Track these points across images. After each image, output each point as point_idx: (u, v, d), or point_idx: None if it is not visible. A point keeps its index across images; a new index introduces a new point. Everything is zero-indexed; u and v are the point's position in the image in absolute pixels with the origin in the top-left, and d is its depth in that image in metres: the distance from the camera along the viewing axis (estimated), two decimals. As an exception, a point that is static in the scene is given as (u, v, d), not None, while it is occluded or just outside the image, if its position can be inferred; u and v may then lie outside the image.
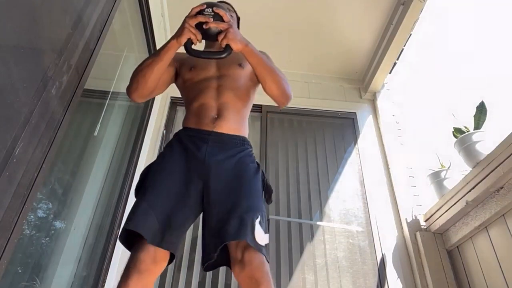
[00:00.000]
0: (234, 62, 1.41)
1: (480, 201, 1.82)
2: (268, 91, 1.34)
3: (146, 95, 1.33)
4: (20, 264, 1.29)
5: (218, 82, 1.35)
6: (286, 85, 1.34)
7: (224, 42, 1.17)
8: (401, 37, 2.54)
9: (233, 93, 1.33)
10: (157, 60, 1.24)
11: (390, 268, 2.17)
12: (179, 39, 1.19)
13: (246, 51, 1.24)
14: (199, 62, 1.40)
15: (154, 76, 1.26)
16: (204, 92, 1.32)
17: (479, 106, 2.05)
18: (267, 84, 1.31)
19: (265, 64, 1.29)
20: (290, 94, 1.36)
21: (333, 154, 2.72)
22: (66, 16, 1.01)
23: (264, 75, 1.30)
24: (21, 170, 0.80)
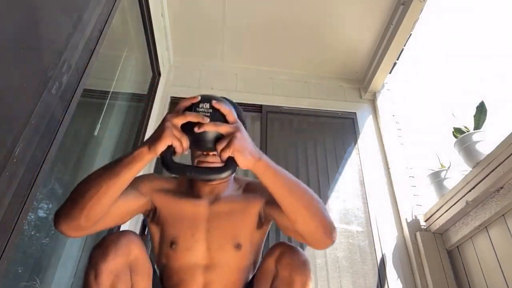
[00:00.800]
0: (229, 241, 1.01)
1: (480, 201, 1.82)
2: (300, 227, 0.87)
3: (82, 227, 0.82)
4: (20, 264, 1.29)
5: (206, 276, 0.98)
6: (326, 214, 0.87)
7: (226, 154, 0.77)
8: (401, 37, 2.54)
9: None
10: (113, 177, 0.80)
11: (390, 268, 2.17)
12: (155, 145, 0.76)
13: (259, 168, 0.82)
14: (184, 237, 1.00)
15: (103, 201, 0.81)
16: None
17: (479, 106, 2.05)
18: (298, 216, 0.86)
19: (291, 185, 0.86)
20: (333, 227, 0.87)
21: (333, 154, 2.72)
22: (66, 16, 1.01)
23: (291, 204, 0.86)
24: (21, 170, 0.80)
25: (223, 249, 1.00)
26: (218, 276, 0.99)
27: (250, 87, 2.94)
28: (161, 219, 1.04)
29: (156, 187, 1.06)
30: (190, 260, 0.99)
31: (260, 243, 1.10)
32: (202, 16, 2.68)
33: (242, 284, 1.03)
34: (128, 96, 2.29)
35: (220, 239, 1.01)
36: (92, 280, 0.82)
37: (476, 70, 2.82)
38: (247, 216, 1.05)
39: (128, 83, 2.22)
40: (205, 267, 0.99)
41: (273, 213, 1.00)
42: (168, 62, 2.86)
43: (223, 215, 1.04)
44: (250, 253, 1.05)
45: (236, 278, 1.01)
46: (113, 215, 0.90)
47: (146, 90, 2.52)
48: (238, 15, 2.66)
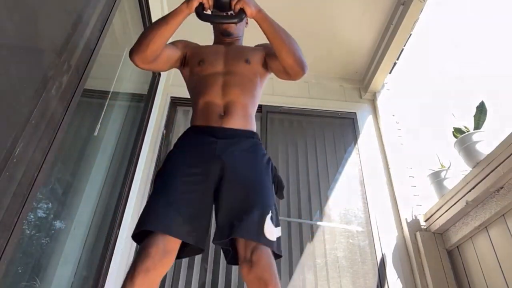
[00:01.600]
0: (241, 58, 1.39)
1: (480, 201, 1.82)
2: (284, 61, 1.28)
3: (147, 60, 1.25)
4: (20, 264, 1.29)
5: (224, 79, 1.32)
6: (301, 53, 1.31)
7: (238, 6, 1.17)
8: (401, 37, 2.54)
9: (239, 90, 1.31)
10: (163, 24, 1.21)
11: (390, 268, 2.17)
12: (190, 3, 1.17)
13: (260, 17, 1.23)
14: (208, 57, 1.39)
15: (158, 41, 1.22)
16: (210, 90, 1.30)
17: (479, 106, 2.05)
18: (283, 51, 1.26)
19: (279, 31, 1.26)
20: (306, 63, 1.32)
21: (333, 154, 2.72)
22: (66, 16, 1.01)
23: (279, 42, 1.26)
24: (21, 170, 0.80)
25: (237, 62, 1.38)
26: (234, 79, 1.33)
27: (250, 87, 2.93)
28: (192, 53, 1.43)
29: (188, 43, 1.49)
30: (213, 70, 1.35)
31: (262, 81, 1.43)
32: (202, 16, 2.67)
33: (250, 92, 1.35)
34: (128, 96, 2.28)
35: (234, 56, 1.40)
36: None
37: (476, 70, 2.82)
38: (254, 52, 1.45)
39: (128, 83, 2.22)
40: (224, 73, 1.34)
41: (269, 60, 1.41)
42: (168, 62, 2.86)
43: (236, 49, 1.46)
44: (257, 71, 1.40)
45: (246, 84, 1.35)
46: (162, 59, 1.31)
47: (146, 90, 2.52)
48: (238, 15, 2.66)
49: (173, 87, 2.83)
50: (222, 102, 1.28)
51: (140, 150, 2.23)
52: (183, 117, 2.86)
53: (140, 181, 2.27)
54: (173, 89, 2.82)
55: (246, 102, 1.32)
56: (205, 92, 1.30)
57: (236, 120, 1.26)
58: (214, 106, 1.27)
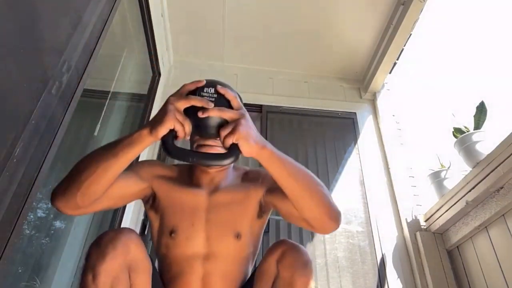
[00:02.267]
0: (229, 231, 1.01)
1: (480, 201, 1.82)
2: (307, 214, 0.88)
3: (78, 206, 0.83)
4: (20, 264, 1.29)
5: (205, 267, 0.98)
6: (331, 199, 0.89)
7: (230, 140, 0.75)
8: (401, 37, 2.54)
9: (225, 281, 0.99)
10: (110, 157, 0.79)
11: (390, 268, 2.17)
12: (157, 129, 0.74)
13: (264, 155, 0.80)
14: (183, 225, 1.00)
15: (99, 182, 0.81)
16: (185, 281, 0.97)
17: (479, 106, 2.05)
18: (302, 203, 0.87)
19: (296, 172, 0.86)
20: (338, 212, 0.89)
21: (333, 154, 2.71)
22: (66, 16, 1.01)
23: (296, 191, 0.86)
24: (21, 170, 0.80)
25: (223, 239, 1.00)
26: (218, 266, 0.98)
27: (250, 87, 2.93)
28: (161, 207, 1.04)
29: (157, 173, 1.06)
30: (189, 250, 0.99)
31: (260, 232, 1.10)
32: (202, 16, 2.68)
33: (242, 275, 1.03)
34: (128, 96, 2.29)
35: (219, 228, 1.01)
36: (90, 281, 0.80)
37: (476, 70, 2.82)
38: (247, 206, 1.05)
39: (128, 83, 2.22)
40: (205, 257, 0.99)
41: (274, 201, 1.01)
42: (168, 62, 2.87)
43: (222, 205, 1.04)
44: (250, 242, 1.05)
45: (235, 268, 1.01)
46: (110, 196, 0.89)
47: (146, 90, 2.52)
48: (238, 15, 2.66)
49: (173, 87, 2.81)
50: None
51: (140, 150, 2.22)
52: (183, 117, 2.86)
53: (140, 181, 2.27)
54: (173, 89, 2.79)
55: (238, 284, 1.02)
56: (178, 284, 0.98)
57: None
58: None
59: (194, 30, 2.80)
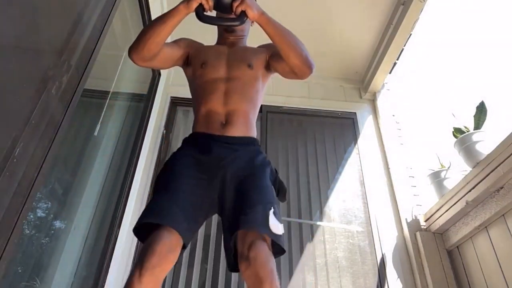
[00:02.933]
0: (244, 63, 1.38)
1: (480, 201, 1.82)
2: (291, 62, 1.26)
3: (145, 58, 1.26)
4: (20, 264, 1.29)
5: (226, 85, 1.32)
6: (307, 52, 1.27)
7: (240, 8, 1.14)
8: (401, 37, 2.54)
9: (241, 97, 1.31)
10: (161, 23, 1.20)
11: (390, 268, 2.17)
12: (190, 3, 1.15)
13: (263, 20, 1.20)
14: (211, 60, 1.38)
15: (155, 39, 1.21)
16: (212, 97, 1.29)
17: (479, 106, 2.05)
18: (290, 53, 1.24)
19: (284, 32, 1.24)
20: (312, 62, 1.28)
21: (333, 154, 2.72)
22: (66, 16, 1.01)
23: (285, 44, 1.24)
24: (21, 170, 0.80)
25: (239, 66, 1.36)
26: (236, 85, 1.32)
27: (250, 87, 2.93)
28: (194, 54, 1.42)
29: (191, 42, 1.48)
30: (215, 75, 1.34)
31: (264, 84, 1.45)
32: (202, 16, 2.67)
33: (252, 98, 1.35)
34: (128, 96, 2.29)
35: (237, 61, 1.38)
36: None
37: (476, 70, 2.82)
38: (257, 55, 1.43)
39: (128, 83, 2.22)
40: (226, 79, 1.33)
41: (274, 61, 1.40)
42: (168, 62, 2.86)
43: (240, 50, 1.45)
44: (259, 77, 1.40)
45: (248, 89, 1.35)
46: (162, 58, 1.31)
47: (146, 90, 2.52)
48: (238, 15, 2.66)
49: (173, 87, 2.83)
50: (224, 110, 1.28)
51: (140, 150, 2.23)
52: (183, 117, 2.86)
53: (140, 181, 2.27)
54: (173, 89, 2.82)
55: (248, 109, 1.32)
56: (207, 99, 1.30)
57: (237, 128, 1.27)
58: (216, 114, 1.27)
59: (194, 30, 2.79)
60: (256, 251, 0.97)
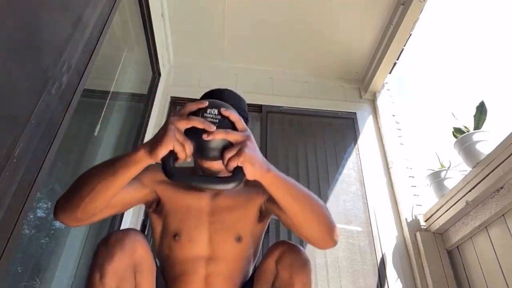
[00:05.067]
0: (230, 234, 1.04)
1: (480, 201, 1.82)
2: (307, 234, 0.92)
3: (79, 219, 0.87)
4: (20, 264, 1.29)
5: (207, 268, 1.00)
6: (329, 216, 0.90)
7: (235, 163, 0.73)
8: (401, 37, 2.54)
9: (226, 282, 1.02)
10: (108, 176, 0.80)
11: (390, 268, 2.17)
12: (156, 150, 0.71)
13: (267, 180, 0.80)
14: (186, 229, 1.02)
15: (98, 199, 0.83)
16: (188, 281, 0.99)
17: (479, 106, 2.05)
18: (305, 225, 0.90)
19: (300, 196, 0.87)
20: (335, 226, 0.91)
21: (333, 154, 2.71)
22: (66, 16, 1.01)
23: (299, 214, 0.88)
24: (21, 170, 0.80)
25: (225, 241, 1.03)
26: (220, 267, 1.01)
27: (250, 87, 2.93)
28: (165, 211, 1.06)
29: (160, 178, 1.05)
30: (192, 252, 1.01)
31: (260, 234, 1.13)
32: (202, 16, 2.68)
33: (243, 275, 1.06)
34: (128, 96, 2.29)
35: (222, 231, 1.04)
36: (97, 280, 0.82)
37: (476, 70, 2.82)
38: (248, 210, 1.08)
39: (128, 83, 2.22)
40: (207, 258, 1.01)
41: (275, 210, 1.04)
42: (168, 62, 2.86)
43: (225, 209, 1.06)
44: (251, 244, 1.08)
45: (237, 269, 1.04)
46: (113, 205, 0.92)
47: (146, 90, 2.52)
48: (238, 15, 2.66)
49: (173, 87, 2.83)
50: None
51: (140, 150, 2.22)
52: (183, 117, 2.86)
53: (140, 181, 2.27)
54: (173, 89, 2.81)
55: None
56: (181, 283, 1.00)
57: None
58: None
59: (194, 30, 2.80)
60: (290, 269, 0.91)
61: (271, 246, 0.98)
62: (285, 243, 0.97)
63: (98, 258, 0.85)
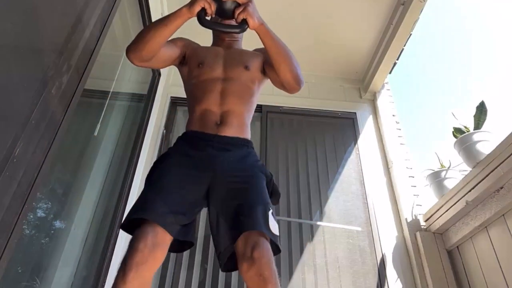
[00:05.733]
0: (240, 64, 1.38)
1: (480, 201, 1.82)
2: (282, 75, 1.29)
3: (143, 59, 1.25)
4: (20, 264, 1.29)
5: (223, 85, 1.32)
6: (299, 69, 1.30)
7: (241, 16, 1.15)
8: (401, 37, 2.54)
9: (236, 97, 1.31)
10: (162, 26, 1.20)
11: (390, 268, 2.17)
12: (192, 7, 1.14)
13: (262, 29, 1.22)
14: (208, 60, 1.38)
15: (156, 41, 1.21)
16: (208, 97, 1.29)
17: (479, 106, 2.05)
18: (282, 67, 1.27)
19: (280, 46, 1.26)
20: (302, 79, 1.33)
21: (333, 154, 2.72)
22: (66, 16, 1.01)
23: (279, 58, 1.26)
24: (21, 170, 0.80)
25: (236, 67, 1.37)
26: (232, 86, 1.32)
27: (250, 87, 2.93)
28: (191, 54, 1.43)
29: (188, 42, 1.48)
30: (212, 75, 1.34)
31: (260, 83, 1.44)
32: (202, 16, 2.67)
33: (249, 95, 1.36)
34: (128, 96, 2.28)
35: (234, 62, 1.39)
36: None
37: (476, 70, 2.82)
38: (253, 58, 1.44)
39: (128, 83, 2.22)
40: (223, 79, 1.33)
41: (267, 68, 1.40)
42: (168, 62, 2.86)
43: (236, 53, 1.45)
44: (255, 80, 1.40)
45: (244, 90, 1.35)
46: (159, 58, 1.30)
47: (146, 90, 2.52)
48: (238, 15, 2.66)
49: (173, 87, 2.83)
50: (219, 110, 1.28)
51: (140, 150, 2.23)
52: (183, 117, 2.86)
53: (140, 181, 2.27)
54: (173, 89, 2.82)
55: (243, 110, 1.32)
56: (203, 99, 1.30)
57: (231, 129, 1.26)
58: (211, 114, 1.27)
59: (194, 30, 2.79)
60: (260, 251, 0.97)
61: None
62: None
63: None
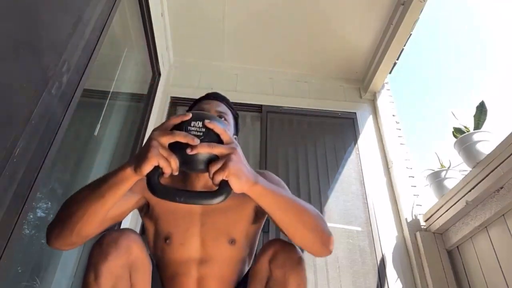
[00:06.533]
0: (223, 236, 1.02)
1: (480, 201, 1.82)
2: (297, 240, 0.89)
3: (75, 243, 0.86)
4: (20, 264, 1.29)
5: (200, 270, 1.00)
6: (323, 225, 0.89)
7: (220, 177, 0.70)
8: (401, 37, 2.54)
9: (220, 283, 1.01)
10: (97, 199, 0.78)
11: (390, 268, 2.17)
12: (141, 166, 0.69)
13: (255, 192, 0.77)
14: (178, 232, 1.01)
15: (89, 222, 0.81)
16: (181, 284, 0.99)
17: (479, 106, 2.05)
18: (296, 233, 0.88)
19: (287, 207, 0.84)
20: (330, 236, 0.90)
21: (333, 154, 2.71)
22: (66, 16, 1.01)
23: (287, 222, 0.86)
24: (21, 170, 0.80)
25: (217, 244, 1.01)
26: (212, 270, 1.00)
27: (250, 87, 2.93)
28: (155, 214, 1.05)
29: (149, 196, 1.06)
30: (184, 255, 1.00)
31: (255, 234, 1.11)
32: (202, 16, 2.68)
33: (237, 275, 1.04)
34: (128, 96, 2.29)
35: (214, 234, 1.02)
36: (92, 281, 0.81)
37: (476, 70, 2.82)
38: (242, 212, 1.05)
39: (128, 83, 2.22)
40: (200, 261, 1.00)
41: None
42: (168, 62, 2.87)
43: (217, 210, 1.03)
44: (245, 246, 1.06)
45: (230, 271, 1.03)
46: (107, 219, 0.91)
47: (146, 90, 2.52)
48: (238, 15, 2.66)
49: (173, 87, 2.83)
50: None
51: (140, 150, 2.23)
52: (183, 117, 2.86)
53: (140, 181, 2.27)
54: (173, 89, 2.81)
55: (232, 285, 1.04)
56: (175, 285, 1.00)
57: None
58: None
59: (194, 30, 2.80)
60: (284, 268, 0.90)
61: (264, 246, 0.96)
62: (278, 241, 0.95)
63: (92, 258, 0.84)
